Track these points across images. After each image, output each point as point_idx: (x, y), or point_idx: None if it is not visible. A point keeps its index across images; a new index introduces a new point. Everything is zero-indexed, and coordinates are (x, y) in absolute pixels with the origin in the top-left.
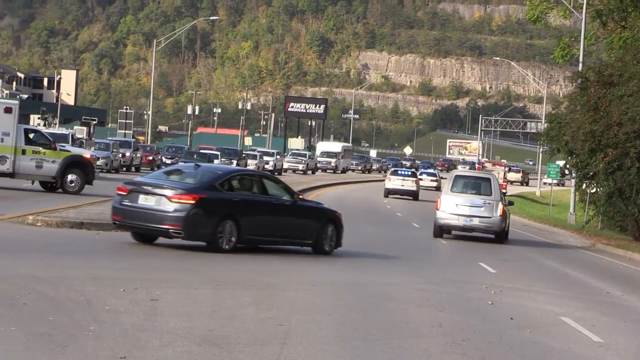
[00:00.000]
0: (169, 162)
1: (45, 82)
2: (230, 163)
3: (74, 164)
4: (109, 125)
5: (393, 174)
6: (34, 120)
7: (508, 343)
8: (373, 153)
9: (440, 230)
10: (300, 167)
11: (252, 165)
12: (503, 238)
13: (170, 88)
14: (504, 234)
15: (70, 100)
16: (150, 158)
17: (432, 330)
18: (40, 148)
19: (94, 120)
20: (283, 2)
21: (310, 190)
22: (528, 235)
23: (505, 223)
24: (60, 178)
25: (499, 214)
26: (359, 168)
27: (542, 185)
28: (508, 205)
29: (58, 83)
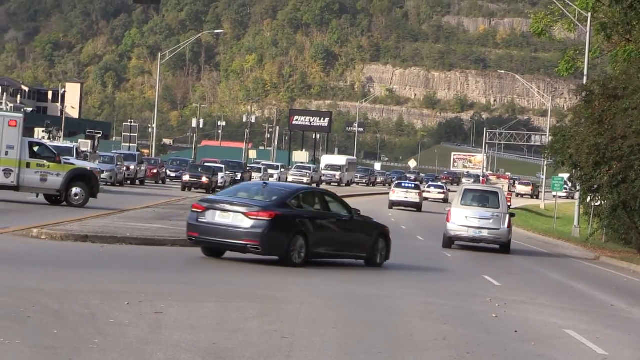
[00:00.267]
0: (174, 175)
1: (50, 95)
2: (235, 176)
3: (79, 177)
4: (114, 139)
5: (397, 187)
6: (39, 134)
7: (512, 356)
8: (377, 166)
9: (450, 242)
10: (305, 180)
11: (256, 179)
12: (509, 248)
13: (175, 101)
14: (509, 245)
15: (75, 114)
16: (155, 171)
17: (436, 344)
18: (45, 161)
19: (99, 134)
20: (288, 15)
21: None
22: (532, 248)
23: (511, 234)
24: (65, 191)
25: (507, 226)
26: (364, 181)
27: (551, 199)
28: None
29: (62, 96)
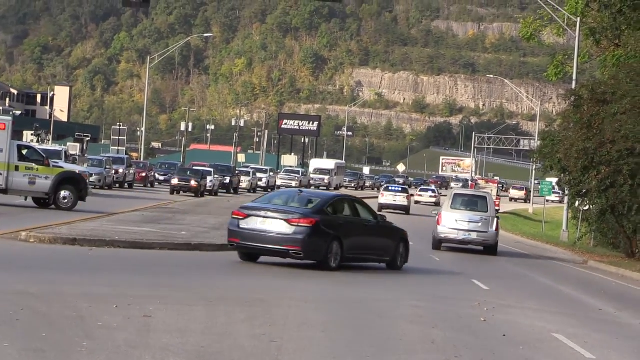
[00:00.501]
0: (162, 178)
1: (39, 98)
2: (223, 180)
3: (67, 181)
4: (102, 142)
5: (386, 190)
6: (27, 137)
7: None
8: (366, 170)
9: (439, 243)
10: (294, 184)
11: (244, 183)
12: (496, 250)
13: (164, 105)
14: (497, 247)
15: (64, 117)
16: (144, 175)
17: (424, 347)
18: (34, 164)
19: (87, 137)
20: (277, 19)
21: None
22: (521, 252)
23: (498, 237)
24: (54, 194)
25: (494, 229)
26: (352, 185)
27: (540, 203)
28: None
29: (51, 99)
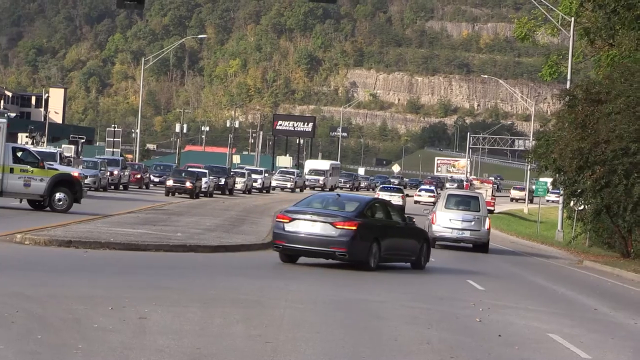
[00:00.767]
0: (157, 180)
1: (33, 100)
2: (218, 181)
3: (62, 183)
4: (97, 144)
5: (381, 190)
6: (22, 139)
7: None
8: (361, 171)
9: (433, 242)
10: (289, 185)
11: (239, 184)
12: (487, 248)
13: (159, 106)
14: (488, 245)
15: (58, 119)
16: (139, 176)
17: (420, 348)
18: (29, 166)
19: (82, 139)
20: (271, 20)
21: None
22: (516, 253)
23: (489, 235)
24: (48, 196)
25: (487, 227)
26: (347, 186)
27: (535, 203)
28: None
29: (46, 101)
